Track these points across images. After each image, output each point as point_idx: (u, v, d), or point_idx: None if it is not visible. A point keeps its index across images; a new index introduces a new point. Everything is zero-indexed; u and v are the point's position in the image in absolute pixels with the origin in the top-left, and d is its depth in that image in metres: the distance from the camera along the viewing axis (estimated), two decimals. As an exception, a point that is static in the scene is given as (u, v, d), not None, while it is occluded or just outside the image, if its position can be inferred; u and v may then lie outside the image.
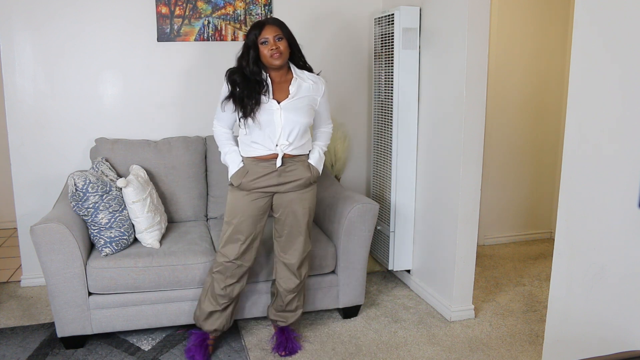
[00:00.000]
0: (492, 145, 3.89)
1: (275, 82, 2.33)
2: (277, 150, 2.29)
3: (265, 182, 2.34)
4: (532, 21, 3.87)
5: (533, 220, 4.22)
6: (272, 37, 2.24)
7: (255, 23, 2.31)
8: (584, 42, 1.81)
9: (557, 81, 4.01)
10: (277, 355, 2.51)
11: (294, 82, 2.32)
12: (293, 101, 2.30)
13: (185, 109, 3.31)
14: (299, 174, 2.36)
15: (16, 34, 3.02)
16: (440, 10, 2.79)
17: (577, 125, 1.85)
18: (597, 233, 1.80)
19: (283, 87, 2.33)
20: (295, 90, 2.31)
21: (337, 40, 3.50)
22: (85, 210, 2.52)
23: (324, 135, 2.52)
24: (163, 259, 2.54)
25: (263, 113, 2.27)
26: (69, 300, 2.43)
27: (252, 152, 2.33)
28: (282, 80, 2.34)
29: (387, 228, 3.22)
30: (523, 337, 2.69)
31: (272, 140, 2.29)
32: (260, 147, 2.31)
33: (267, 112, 2.27)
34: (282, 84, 2.33)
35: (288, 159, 2.34)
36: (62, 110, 3.15)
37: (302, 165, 2.37)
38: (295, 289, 2.50)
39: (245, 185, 2.34)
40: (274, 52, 2.23)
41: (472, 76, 2.63)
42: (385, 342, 2.65)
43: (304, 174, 2.37)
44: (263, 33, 2.25)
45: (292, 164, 2.35)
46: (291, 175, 2.35)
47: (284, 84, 2.33)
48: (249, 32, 2.29)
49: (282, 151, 2.30)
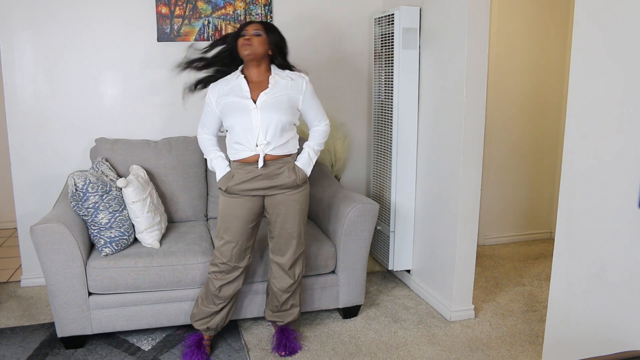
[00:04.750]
0: (492, 145, 3.89)
1: (253, 82, 2.34)
2: (257, 150, 2.30)
3: (251, 186, 2.34)
4: (532, 21, 3.87)
5: (533, 220, 4.22)
6: (251, 30, 2.29)
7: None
8: (584, 42, 1.81)
9: (557, 81, 4.02)
10: (277, 355, 2.51)
11: (271, 80, 2.34)
12: (268, 98, 2.30)
13: (185, 109, 3.30)
14: (283, 178, 2.35)
15: (16, 34, 3.02)
16: (440, 10, 2.79)
17: (577, 125, 1.85)
18: (597, 233, 1.80)
19: (261, 85, 2.34)
20: (273, 84, 2.33)
21: (337, 40, 3.50)
22: (85, 210, 2.52)
23: (316, 134, 2.48)
24: (163, 259, 2.54)
25: (241, 112, 2.28)
26: (69, 300, 2.43)
27: (236, 154, 2.34)
28: (260, 79, 2.35)
29: (387, 228, 3.22)
30: (523, 337, 2.70)
31: (252, 139, 2.29)
32: (242, 148, 2.31)
33: (245, 111, 2.28)
34: (260, 83, 2.34)
35: (272, 161, 2.33)
36: (62, 110, 3.15)
37: (287, 168, 2.36)
38: (289, 289, 2.51)
39: (232, 189, 2.35)
40: (245, 42, 2.28)
41: (472, 76, 2.63)
42: (385, 342, 2.65)
43: (289, 178, 2.35)
44: (246, 28, 2.31)
45: (277, 167, 2.34)
46: (276, 179, 2.35)
47: (263, 83, 2.34)
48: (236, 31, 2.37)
49: (263, 151, 2.30)
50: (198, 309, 2.48)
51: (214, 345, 2.57)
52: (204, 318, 2.47)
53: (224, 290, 2.42)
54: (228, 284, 2.42)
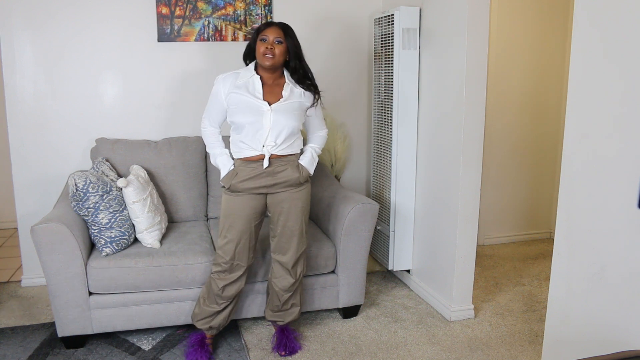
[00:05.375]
0: (492, 145, 3.89)
1: (267, 85, 2.35)
2: (263, 151, 2.30)
3: (255, 184, 2.34)
4: (532, 21, 3.87)
5: (533, 220, 4.22)
6: (272, 37, 2.27)
7: (265, 22, 2.35)
8: (583, 42, 1.81)
9: (557, 81, 4.02)
10: (277, 355, 2.51)
11: (286, 87, 2.35)
12: (284, 104, 2.31)
13: (185, 109, 3.31)
14: (287, 175, 2.36)
15: (16, 34, 3.02)
16: (440, 11, 2.79)
17: (577, 125, 1.85)
18: (597, 233, 1.80)
19: (275, 90, 2.34)
20: (288, 94, 2.33)
21: (337, 40, 3.50)
22: (85, 210, 2.52)
23: (318, 138, 2.54)
24: (163, 259, 2.54)
25: (253, 112, 2.28)
26: (70, 300, 2.44)
27: (240, 153, 2.35)
28: (274, 83, 2.36)
29: (387, 228, 3.22)
30: (523, 337, 2.70)
31: (260, 141, 2.29)
32: (248, 148, 2.32)
33: (257, 113, 2.28)
34: (274, 87, 2.35)
35: (276, 159, 2.34)
36: (62, 110, 3.15)
37: (291, 166, 2.38)
38: (291, 288, 2.51)
39: (236, 187, 2.35)
40: (267, 51, 2.26)
41: (472, 76, 2.63)
42: (385, 342, 2.65)
43: (292, 175, 2.37)
44: (266, 31, 2.29)
45: (281, 165, 2.35)
46: (280, 177, 2.36)
47: (276, 87, 2.35)
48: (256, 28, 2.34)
49: (269, 152, 2.31)
50: (200, 309, 2.48)
51: (214, 345, 2.58)
52: (206, 317, 2.47)
53: (227, 290, 2.42)
54: (231, 283, 2.42)
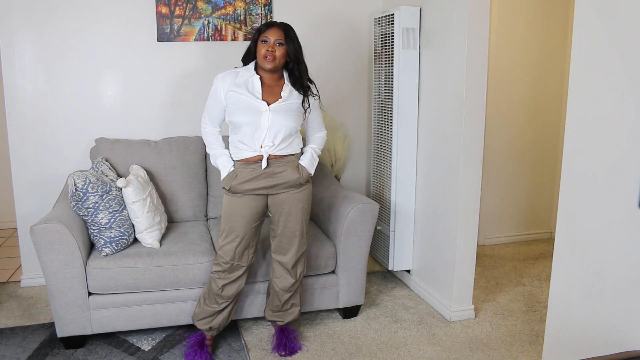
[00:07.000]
0: (492, 145, 3.89)
1: (266, 85, 2.34)
2: (261, 151, 2.30)
3: (255, 185, 2.34)
4: (532, 21, 3.87)
5: (533, 220, 4.22)
6: (274, 39, 2.26)
7: (266, 22, 2.33)
8: (584, 41, 1.81)
9: (557, 81, 4.02)
10: (277, 355, 2.51)
11: (286, 88, 2.34)
12: (283, 104, 2.31)
13: (185, 109, 3.31)
14: (287, 176, 2.36)
15: (16, 34, 3.02)
16: (440, 10, 2.79)
17: (577, 126, 1.85)
18: (597, 233, 1.80)
19: (274, 90, 2.34)
20: (287, 95, 2.33)
21: (337, 40, 3.50)
22: (85, 210, 2.52)
23: (318, 139, 2.53)
24: (163, 259, 2.54)
25: (251, 112, 2.28)
26: (69, 300, 2.43)
27: (239, 154, 2.35)
28: (273, 83, 2.35)
29: (387, 228, 3.22)
30: (523, 337, 2.69)
31: (258, 141, 2.29)
32: (246, 148, 2.32)
33: (255, 112, 2.28)
34: (273, 87, 2.35)
35: (275, 159, 2.34)
36: (62, 110, 3.15)
37: (291, 167, 2.37)
38: (291, 288, 2.51)
39: (236, 188, 2.35)
40: (269, 54, 2.25)
41: (472, 76, 2.63)
42: (385, 342, 2.65)
43: (292, 176, 2.36)
44: (267, 32, 2.27)
45: (280, 165, 2.35)
46: (280, 177, 2.35)
47: (275, 88, 2.35)
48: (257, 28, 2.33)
49: (267, 152, 2.30)
50: (200, 309, 2.48)
51: (214, 345, 2.57)
52: (206, 317, 2.47)
53: (226, 290, 2.42)
54: (231, 283, 2.42)
